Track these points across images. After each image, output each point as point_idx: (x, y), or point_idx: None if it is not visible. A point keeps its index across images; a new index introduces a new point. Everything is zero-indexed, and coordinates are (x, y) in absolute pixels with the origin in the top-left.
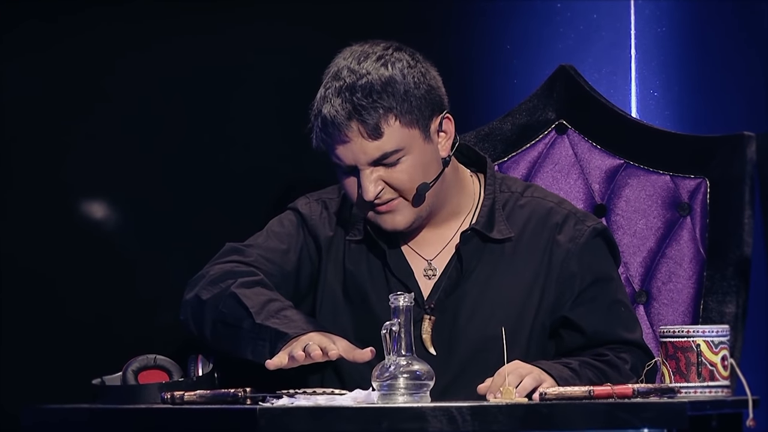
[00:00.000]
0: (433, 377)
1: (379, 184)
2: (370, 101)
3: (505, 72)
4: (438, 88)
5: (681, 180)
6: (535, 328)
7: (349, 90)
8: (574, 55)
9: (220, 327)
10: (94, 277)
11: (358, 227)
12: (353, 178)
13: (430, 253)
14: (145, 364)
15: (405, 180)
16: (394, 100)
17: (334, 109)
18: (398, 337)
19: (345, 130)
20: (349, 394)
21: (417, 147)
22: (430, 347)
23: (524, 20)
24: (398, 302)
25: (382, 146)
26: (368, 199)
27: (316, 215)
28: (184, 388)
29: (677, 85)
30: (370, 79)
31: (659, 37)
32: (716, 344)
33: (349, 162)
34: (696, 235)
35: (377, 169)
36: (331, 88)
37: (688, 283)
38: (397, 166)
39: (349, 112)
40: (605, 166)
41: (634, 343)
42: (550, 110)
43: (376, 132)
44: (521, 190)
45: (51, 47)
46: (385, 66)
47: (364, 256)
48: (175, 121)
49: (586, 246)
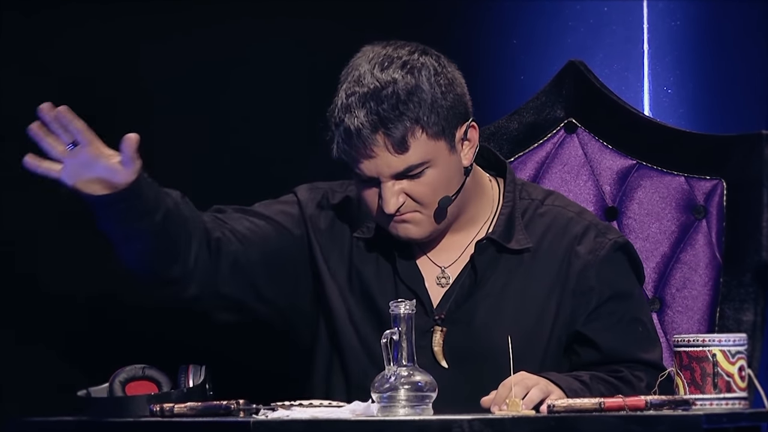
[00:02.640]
0: (435, 388)
1: (402, 197)
2: (397, 113)
3: (511, 68)
4: (464, 95)
5: (696, 181)
6: (552, 342)
7: (374, 99)
8: (584, 51)
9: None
10: (79, 284)
11: (368, 225)
12: (373, 189)
13: (445, 259)
14: (133, 374)
15: (428, 193)
16: (420, 111)
17: (358, 121)
18: (399, 347)
19: (370, 143)
20: (348, 406)
21: (442, 159)
22: (441, 360)
23: (532, 14)
24: (399, 310)
25: (408, 159)
26: (389, 212)
27: (315, 206)
28: (174, 400)
29: (692, 82)
30: (396, 88)
31: (673, 32)
32: (733, 354)
33: (371, 174)
34: (712, 239)
35: (400, 182)
36: (354, 96)
37: (704, 289)
38: (421, 178)
39: (375, 124)
40: (617, 167)
41: (651, 363)
42: (559, 108)
43: (402, 145)
44: (541, 198)
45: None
46: (411, 73)
47: (373, 257)
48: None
49: (606, 259)
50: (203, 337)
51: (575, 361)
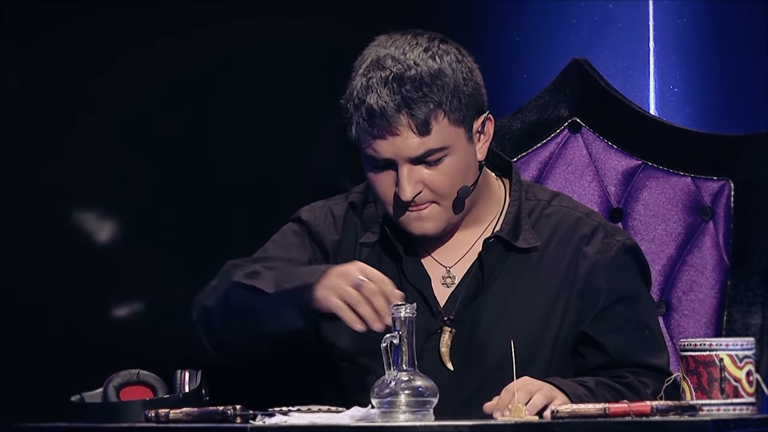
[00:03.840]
0: (436, 394)
1: (419, 185)
2: (421, 94)
3: (514, 66)
4: (482, 86)
5: (703, 182)
6: (558, 343)
7: (397, 81)
8: (588, 48)
9: (234, 324)
10: (73, 287)
11: (373, 230)
12: (387, 174)
13: (450, 259)
14: (127, 379)
15: (446, 183)
16: (443, 95)
17: (382, 100)
18: (399, 351)
19: (394, 122)
20: (347, 411)
21: (461, 147)
22: (448, 362)
23: (535, 11)
24: (399, 313)
25: (428, 143)
26: (406, 199)
27: (321, 221)
28: (169, 406)
29: (699, 80)
30: (419, 70)
31: (679, 29)
32: (741, 358)
33: (389, 156)
34: (719, 241)
35: (417, 169)
36: (375, 77)
37: (711, 292)
38: (438, 166)
39: (399, 104)
40: (622, 167)
41: (658, 369)
42: (563, 107)
43: (425, 127)
44: (548, 199)
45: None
46: (433, 58)
47: (377, 261)
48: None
49: (614, 261)
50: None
51: (581, 364)
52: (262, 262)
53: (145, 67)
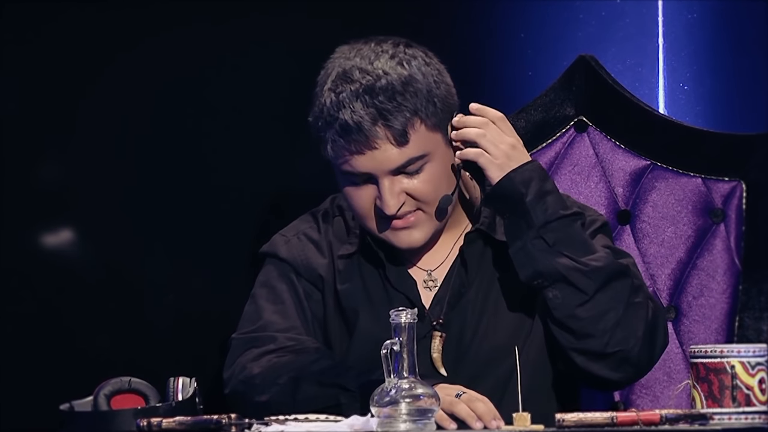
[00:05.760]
0: (438, 402)
1: (402, 196)
2: (395, 104)
3: (519, 63)
4: (452, 86)
5: (714, 183)
6: (536, 332)
7: (368, 93)
8: (595, 45)
9: (303, 406)
10: (62, 292)
11: (351, 241)
12: (367, 189)
13: (430, 263)
14: (118, 387)
15: (429, 190)
16: (418, 102)
17: (357, 114)
18: (400, 358)
19: (372, 135)
20: (346, 420)
21: (440, 152)
22: (441, 368)
23: (540, 6)
24: (400, 319)
25: (408, 152)
26: (390, 213)
27: (299, 251)
28: (161, 414)
29: (710, 78)
30: (389, 79)
31: (689, 24)
32: (753, 365)
33: (368, 170)
34: (730, 244)
35: (398, 179)
36: (345, 91)
37: (722, 297)
38: (419, 174)
39: (374, 116)
40: (630, 168)
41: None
42: (569, 106)
43: (404, 137)
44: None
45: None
46: (401, 64)
47: (357, 271)
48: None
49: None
50: (193, 348)
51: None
52: (268, 328)
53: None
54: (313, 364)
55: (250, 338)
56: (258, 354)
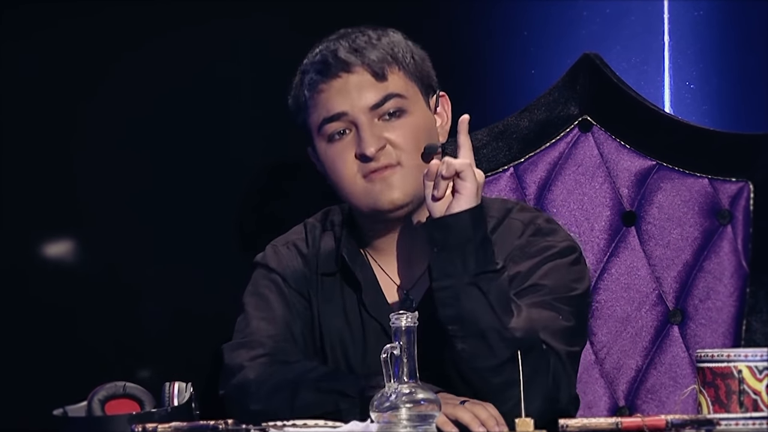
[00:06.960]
0: (439, 407)
1: (381, 140)
2: (374, 45)
3: (521, 61)
4: (432, 68)
5: (721, 183)
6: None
7: (351, 39)
8: (599, 43)
9: (301, 413)
10: (56, 295)
11: (336, 259)
12: (345, 144)
13: (408, 280)
14: (113, 392)
15: (409, 137)
16: (397, 50)
17: (335, 46)
18: (400, 362)
19: (350, 61)
20: (345, 426)
21: (419, 107)
22: None
23: (544, 3)
24: (400, 323)
25: (387, 87)
26: (369, 153)
27: (291, 262)
28: (157, 420)
29: (716, 76)
30: (370, 36)
31: (696, 22)
32: (760, 370)
33: (344, 109)
34: (738, 246)
35: (378, 125)
36: (327, 42)
37: (729, 300)
38: (399, 120)
39: (354, 50)
40: (635, 168)
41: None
42: (573, 105)
43: (381, 73)
44: (500, 216)
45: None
46: (384, 33)
47: (338, 290)
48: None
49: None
50: (188, 352)
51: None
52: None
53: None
54: (311, 372)
55: (239, 343)
56: (250, 357)
